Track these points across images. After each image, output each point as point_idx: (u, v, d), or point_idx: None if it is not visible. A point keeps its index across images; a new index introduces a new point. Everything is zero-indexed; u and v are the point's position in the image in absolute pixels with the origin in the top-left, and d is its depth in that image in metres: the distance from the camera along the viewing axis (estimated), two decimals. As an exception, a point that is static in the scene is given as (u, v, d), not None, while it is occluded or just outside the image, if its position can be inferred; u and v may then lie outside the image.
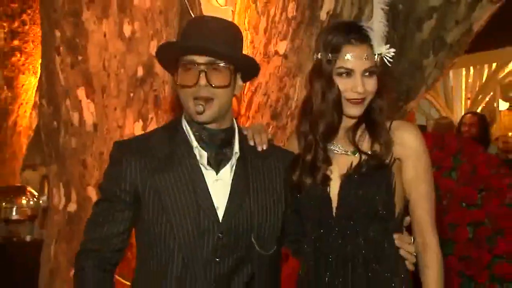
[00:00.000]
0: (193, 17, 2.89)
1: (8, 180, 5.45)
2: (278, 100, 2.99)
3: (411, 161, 1.81)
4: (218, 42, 1.71)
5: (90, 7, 2.72)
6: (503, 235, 2.79)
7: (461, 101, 10.35)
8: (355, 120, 1.84)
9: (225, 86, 1.71)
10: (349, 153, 1.83)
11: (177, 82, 1.75)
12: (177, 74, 1.75)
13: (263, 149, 1.84)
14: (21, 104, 5.57)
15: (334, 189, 1.79)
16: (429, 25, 3.18)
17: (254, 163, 1.80)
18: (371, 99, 1.82)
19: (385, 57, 1.84)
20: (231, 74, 1.73)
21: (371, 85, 1.80)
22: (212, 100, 1.71)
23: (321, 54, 1.81)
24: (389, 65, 1.85)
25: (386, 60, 1.84)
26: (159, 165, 1.74)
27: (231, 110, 1.83)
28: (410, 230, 1.86)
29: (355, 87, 1.78)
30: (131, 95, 2.76)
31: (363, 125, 1.85)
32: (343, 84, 1.79)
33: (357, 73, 1.78)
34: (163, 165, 1.74)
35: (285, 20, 2.99)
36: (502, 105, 10.39)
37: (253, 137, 1.86)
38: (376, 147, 1.80)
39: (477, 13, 3.19)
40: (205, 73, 1.69)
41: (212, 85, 1.69)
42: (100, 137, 2.75)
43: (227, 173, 1.76)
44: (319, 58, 1.82)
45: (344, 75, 1.79)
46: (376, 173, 1.78)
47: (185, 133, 1.78)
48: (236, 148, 1.78)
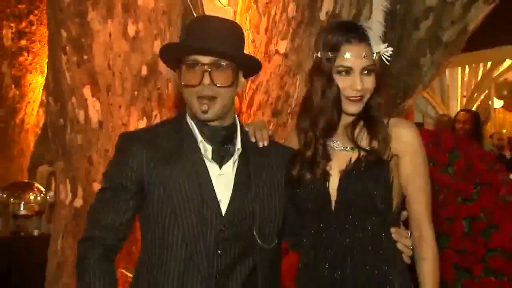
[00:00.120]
0: (196, 16, 2.85)
1: (16, 176, 5.42)
2: (278, 98, 3.00)
3: (408, 156, 1.81)
4: (222, 42, 1.72)
5: (95, 8, 2.73)
6: (497, 229, 2.79)
7: (457, 99, 10.39)
8: (354, 117, 1.85)
9: (228, 85, 1.72)
10: (348, 149, 1.84)
11: (181, 81, 1.75)
12: (180, 73, 1.75)
13: (264, 146, 1.85)
14: (28, 102, 5.55)
15: (333, 184, 1.80)
16: (425, 24, 3.21)
17: (256, 159, 1.81)
18: (369, 96, 1.83)
19: (383, 56, 1.85)
20: (234, 73, 1.74)
21: (369, 83, 1.81)
22: (216, 98, 1.72)
23: (321, 52, 1.82)
24: (387, 63, 1.87)
25: (384, 59, 1.86)
26: (164, 156, 1.73)
27: (233, 107, 1.84)
28: (407, 225, 1.86)
29: (354, 85, 1.79)
30: (135, 93, 2.77)
31: (362, 122, 1.85)
32: (342, 82, 1.80)
33: (356, 71, 1.79)
34: (169, 157, 1.74)
35: (285, 20, 2.99)
36: (497, 103, 10.45)
37: (255, 133, 1.87)
38: (374, 143, 1.81)
39: (472, 13, 3.22)
40: (209, 73, 1.69)
41: (216, 84, 1.70)
42: (105, 134, 2.76)
43: (230, 168, 1.77)
44: (319, 56, 1.83)
45: (343, 73, 1.79)
46: (375, 168, 1.78)
47: (189, 128, 1.79)
48: (238, 144, 1.80)
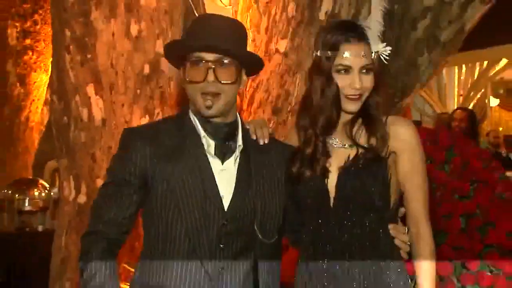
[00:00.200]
0: (199, 15, 2.89)
1: (21, 173, 5.47)
2: (278, 97, 3.02)
3: (406, 154, 1.82)
4: (226, 40, 1.74)
5: (98, 7, 2.75)
6: (494, 226, 2.78)
7: (454, 98, 10.40)
8: (352, 115, 1.86)
9: (232, 82, 1.75)
10: (346, 146, 1.85)
11: (185, 77, 1.76)
12: (184, 70, 1.77)
13: (264, 143, 1.86)
14: (33, 100, 5.59)
15: (332, 181, 1.81)
16: (423, 24, 3.23)
17: (256, 156, 1.82)
18: (368, 95, 1.84)
19: (382, 55, 1.87)
20: (237, 71, 1.76)
21: (368, 81, 1.82)
22: (220, 95, 1.73)
23: (320, 51, 1.83)
24: (386, 62, 1.88)
25: (382, 58, 1.87)
26: (168, 152, 1.75)
27: (236, 104, 1.86)
28: (404, 221, 1.87)
29: (353, 83, 1.80)
30: (138, 91, 2.80)
31: (360, 120, 1.87)
32: (342, 80, 1.81)
33: (355, 70, 1.80)
34: (171, 153, 1.75)
35: (285, 19, 3.01)
36: (493, 102, 10.53)
37: (255, 131, 1.88)
38: (373, 141, 1.82)
39: (469, 13, 3.23)
40: (213, 70, 1.71)
41: (220, 81, 1.72)
42: (108, 132, 2.79)
43: (232, 164, 1.79)
44: (318, 55, 1.83)
45: (343, 72, 1.80)
46: (373, 165, 1.79)
47: (192, 124, 1.80)
48: (240, 141, 1.81)
